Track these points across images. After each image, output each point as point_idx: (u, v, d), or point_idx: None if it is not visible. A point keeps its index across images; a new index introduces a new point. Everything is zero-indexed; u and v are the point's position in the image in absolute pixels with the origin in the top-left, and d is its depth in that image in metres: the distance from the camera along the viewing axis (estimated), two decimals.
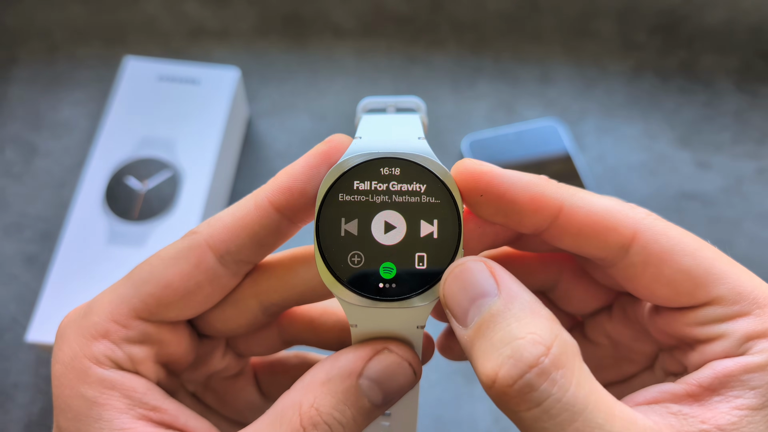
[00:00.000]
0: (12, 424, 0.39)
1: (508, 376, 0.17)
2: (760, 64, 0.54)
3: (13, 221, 0.45)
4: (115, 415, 0.19)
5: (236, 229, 0.20)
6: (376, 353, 0.20)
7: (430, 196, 0.19)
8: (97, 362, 0.20)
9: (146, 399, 0.20)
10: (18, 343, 0.41)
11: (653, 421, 0.17)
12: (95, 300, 0.21)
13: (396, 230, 0.19)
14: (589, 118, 0.51)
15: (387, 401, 0.20)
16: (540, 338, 0.17)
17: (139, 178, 0.41)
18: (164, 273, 0.20)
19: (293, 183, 0.20)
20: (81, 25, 0.54)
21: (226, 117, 0.44)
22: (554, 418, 0.16)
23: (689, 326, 0.20)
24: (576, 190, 0.20)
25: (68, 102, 0.50)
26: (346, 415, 0.19)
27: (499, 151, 0.48)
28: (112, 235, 0.39)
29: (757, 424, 0.17)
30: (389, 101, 0.24)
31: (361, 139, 0.20)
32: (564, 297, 0.24)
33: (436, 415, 0.39)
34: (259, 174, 0.48)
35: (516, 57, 0.54)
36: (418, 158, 0.19)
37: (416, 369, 0.20)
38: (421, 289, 0.19)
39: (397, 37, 0.55)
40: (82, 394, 0.19)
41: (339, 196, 0.19)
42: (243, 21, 0.55)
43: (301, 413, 0.19)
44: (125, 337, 0.20)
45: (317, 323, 0.24)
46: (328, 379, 0.19)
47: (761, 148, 0.50)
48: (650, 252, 0.19)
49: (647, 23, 0.56)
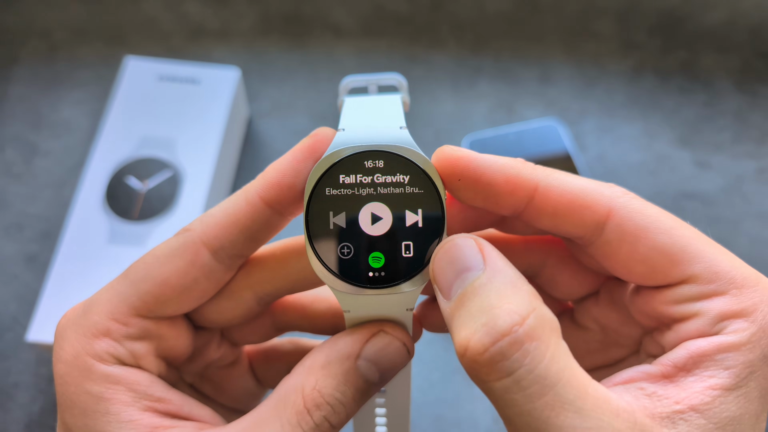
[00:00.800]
0: (12, 423, 0.39)
1: (480, 343, 0.17)
2: (760, 64, 0.54)
3: (14, 221, 0.45)
4: (122, 408, 0.20)
5: (229, 225, 0.21)
6: (372, 335, 0.21)
7: (414, 186, 0.19)
8: (100, 359, 0.20)
9: (150, 391, 0.21)
10: (18, 342, 0.41)
11: (626, 401, 0.17)
12: (93, 299, 0.21)
13: (382, 221, 0.19)
14: (589, 118, 0.51)
15: (383, 379, 0.21)
16: (516, 309, 0.17)
17: (140, 178, 0.41)
18: (161, 271, 0.21)
19: (282, 178, 0.20)
20: (81, 24, 0.54)
21: (227, 117, 0.44)
22: (524, 390, 0.16)
23: (665, 304, 0.20)
24: (551, 171, 0.20)
25: (69, 102, 0.50)
26: (347, 395, 0.20)
27: (499, 151, 0.48)
28: (113, 235, 0.39)
29: (729, 404, 0.17)
30: (371, 79, 0.24)
31: (344, 131, 0.20)
32: (550, 282, 0.24)
33: (437, 414, 0.39)
34: (259, 173, 0.48)
35: (516, 57, 0.54)
36: (400, 150, 0.20)
37: (409, 348, 0.21)
38: (409, 275, 0.19)
39: (397, 37, 0.55)
40: (87, 391, 0.20)
41: (326, 190, 0.19)
42: (243, 21, 0.55)
43: (304, 395, 0.20)
44: (126, 334, 0.21)
45: (309, 310, 0.25)
46: (328, 362, 0.20)
47: (761, 147, 0.50)
48: (625, 229, 0.19)
49: (647, 23, 0.56)
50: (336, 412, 0.20)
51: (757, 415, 0.18)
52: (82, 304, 0.21)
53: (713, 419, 0.17)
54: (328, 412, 0.20)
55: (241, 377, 0.27)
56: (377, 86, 0.24)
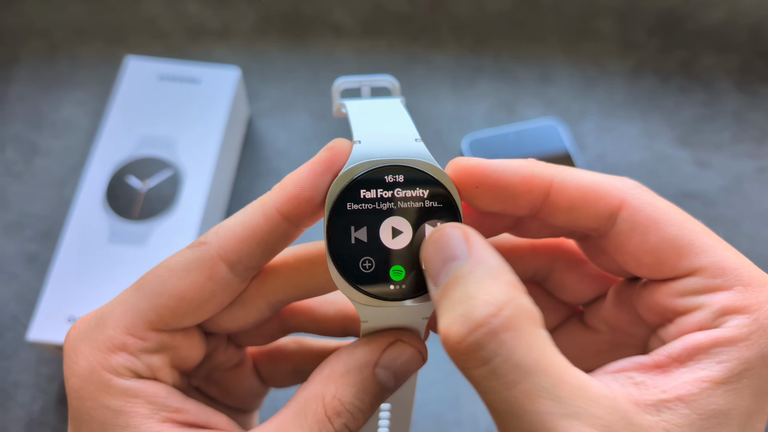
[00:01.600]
0: (12, 422, 0.39)
1: (457, 333, 0.17)
2: (759, 64, 0.54)
3: (14, 220, 0.45)
4: (141, 421, 0.20)
5: (246, 239, 0.21)
6: (389, 344, 0.21)
7: (432, 200, 0.20)
8: (117, 374, 0.20)
9: (168, 402, 0.21)
10: (19, 341, 0.41)
11: (610, 388, 0.17)
12: (105, 311, 0.21)
13: (403, 235, 0.20)
14: (589, 118, 0.51)
15: (398, 385, 0.21)
16: (493, 300, 0.17)
17: (140, 178, 0.41)
18: (177, 285, 0.21)
19: (301, 192, 0.20)
20: (82, 24, 0.54)
21: (227, 116, 0.44)
22: (501, 378, 0.17)
23: (670, 297, 0.20)
24: (564, 167, 0.21)
25: (69, 101, 0.51)
26: (365, 402, 0.20)
27: (499, 150, 0.48)
28: (113, 234, 0.39)
29: (717, 397, 0.17)
30: (364, 80, 0.25)
31: (360, 144, 0.20)
32: (559, 286, 0.25)
33: (437, 414, 0.39)
34: (260, 173, 0.48)
35: (516, 57, 0.54)
36: (419, 164, 0.20)
37: (424, 354, 0.22)
38: None
39: (397, 36, 0.55)
40: (106, 405, 0.20)
41: (347, 205, 0.20)
42: (243, 20, 0.55)
43: (325, 404, 0.20)
44: (143, 348, 0.21)
45: (317, 313, 0.25)
46: (347, 371, 0.21)
47: (761, 147, 0.50)
48: (636, 220, 0.20)
49: (647, 23, 0.56)
50: (355, 419, 0.20)
51: (750, 414, 0.18)
52: (92, 315, 0.21)
53: (698, 410, 0.17)
54: (348, 419, 0.20)
55: (245, 378, 0.27)
56: (370, 87, 0.25)
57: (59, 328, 0.36)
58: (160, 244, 0.39)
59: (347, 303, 0.25)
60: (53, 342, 0.36)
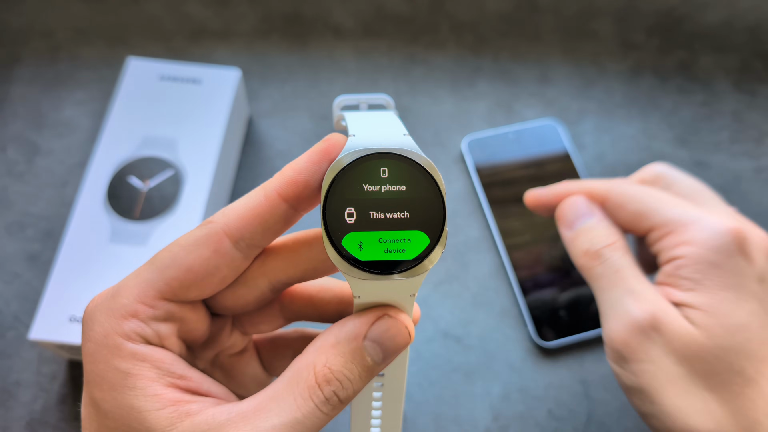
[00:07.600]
0: (14, 422, 0.39)
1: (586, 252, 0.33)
2: (758, 64, 0.54)
3: (16, 220, 0.46)
4: (147, 384, 0.22)
5: (249, 218, 0.23)
6: (377, 318, 0.23)
7: (419, 186, 0.21)
8: (128, 338, 0.22)
9: (173, 369, 0.23)
10: (20, 341, 0.41)
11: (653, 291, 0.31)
12: (121, 284, 0.23)
13: (393, 216, 0.21)
14: (588, 118, 0.51)
15: (386, 359, 0.23)
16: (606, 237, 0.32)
17: (141, 178, 0.41)
18: (186, 258, 0.23)
19: (298, 176, 0.22)
20: (83, 25, 0.54)
21: (228, 117, 0.44)
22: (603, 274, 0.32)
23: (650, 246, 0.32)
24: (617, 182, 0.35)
25: (70, 101, 0.51)
26: (354, 372, 0.22)
27: (498, 150, 0.49)
28: (114, 234, 0.39)
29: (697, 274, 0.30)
30: (362, 98, 0.27)
31: (355, 137, 0.22)
32: None
33: (436, 413, 0.40)
34: (260, 173, 0.48)
35: (515, 57, 0.54)
36: (407, 152, 0.22)
37: (410, 331, 0.23)
38: (414, 264, 0.21)
39: (397, 37, 0.55)
40: (116, 367, 0.22)
41: (342, 187, 0.21)
42: (244, 21, 0.55)
43: (316, 372, 0.22)
44: (152, 315, 0.23)
45: (316, 299, 0.27)
46: (337, 342, 0.22)
47: (759, 147, 0.51)
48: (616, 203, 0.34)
49: (646, 23, 0.56)
50: (344, 388, 0.22)
51: None
52: (110, 289, 0.23)
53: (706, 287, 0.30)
54: (337, 387, 0.22)
55: (249, 365, 0.28)
56: (367, 104, 0.28)
57: (60, 327, 0.36)
58: (161, 244, 0.39)
59: (343, 290, 0.27)
60: (55, 341, 0.36)
